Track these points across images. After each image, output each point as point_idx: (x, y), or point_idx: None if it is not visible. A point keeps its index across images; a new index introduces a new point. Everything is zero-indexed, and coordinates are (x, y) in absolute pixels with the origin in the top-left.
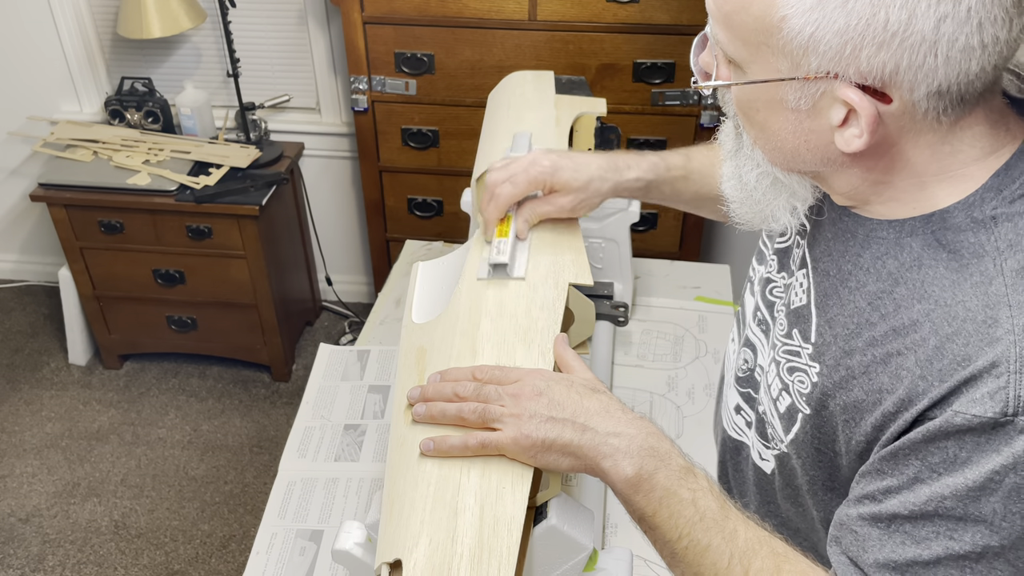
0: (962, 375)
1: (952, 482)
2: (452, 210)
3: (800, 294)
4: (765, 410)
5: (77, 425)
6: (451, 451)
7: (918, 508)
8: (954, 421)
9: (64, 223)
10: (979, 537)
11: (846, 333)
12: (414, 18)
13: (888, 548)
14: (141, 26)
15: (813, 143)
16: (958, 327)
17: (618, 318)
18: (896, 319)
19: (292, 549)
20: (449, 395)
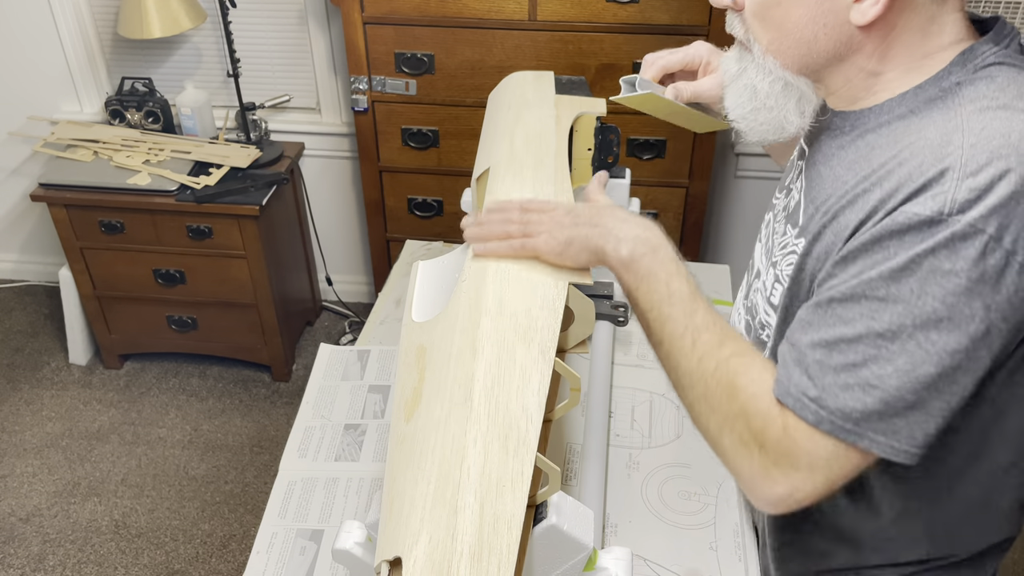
0: (914, 186)
1: (880, 268)
2: (452, 210)
3: (796, 196)
4: (760, 318)
5: (77, 425)
6: (496, 250)
7: (848, 291)
8: (897, 219)
9: (64, 223)
10: (895, 316)
11: (824, 197)
12: (414, 18)
13: (821, 329)
14: (141, 26)
15: (830, 25)
16: (915, 151)
17: (618, 318)
18: (868, 168)
19: (292, 549)
20: (501, 219)
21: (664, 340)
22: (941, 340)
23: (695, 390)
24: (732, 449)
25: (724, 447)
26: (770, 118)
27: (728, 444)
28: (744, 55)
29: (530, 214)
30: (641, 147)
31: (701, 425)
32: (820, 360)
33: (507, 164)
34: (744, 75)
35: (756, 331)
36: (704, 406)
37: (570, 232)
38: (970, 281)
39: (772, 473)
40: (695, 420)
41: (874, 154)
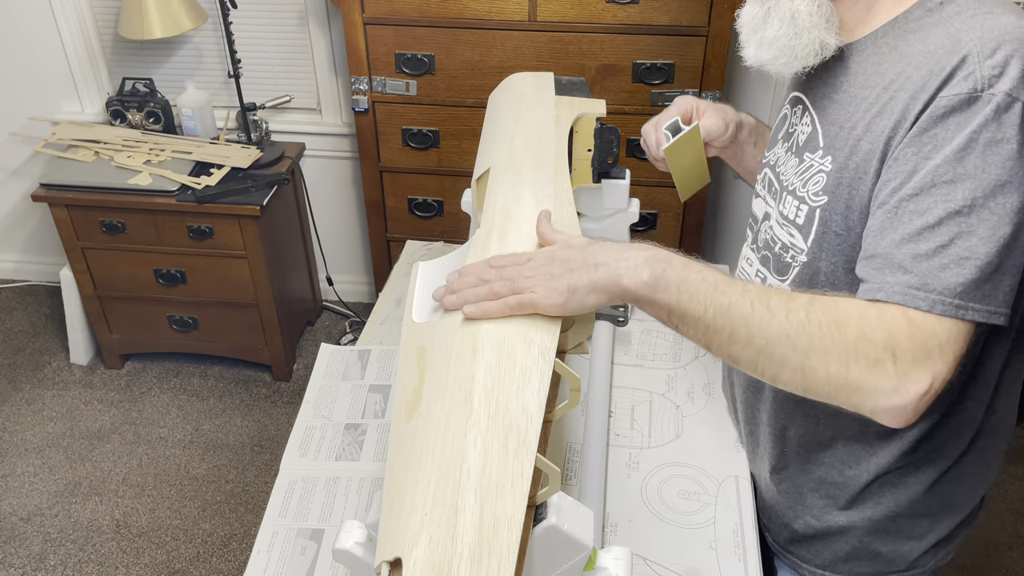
0: (940, 77)
1: (941, 154)
2: (452, 210)
3: (805, 130)
4: (783, 243)
5: (79, 424)
6: (490, 311)
7: (917, 185)
8: (939, 105)
9: (66, 223)
10: (967, 192)
11: (847, 115)
12: (414, 19)
13: (900, 227)
14: (142, 27)
15: None
16: (929, 55)
17: (618, 318)
18: (883, 81)
19: (293, 548)
20: (475, 282)
21: (737, 326)
22: (1010, 201)
23: (799, 345)
24: (863, 375)
25: (853, 381)
26: (811, 39)
27: (857, 374)
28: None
29: (506, 269)
30: (641, 148)
31: (818, 377)
32: (911, 253)
33: (507, 165)
34: (777, 9)
35: (777, 257)
36: (817, 354)
37: (568, 279)
38: (1020, 144)
39: (911, 373)
40: (809, 380)
41: (884, 68)
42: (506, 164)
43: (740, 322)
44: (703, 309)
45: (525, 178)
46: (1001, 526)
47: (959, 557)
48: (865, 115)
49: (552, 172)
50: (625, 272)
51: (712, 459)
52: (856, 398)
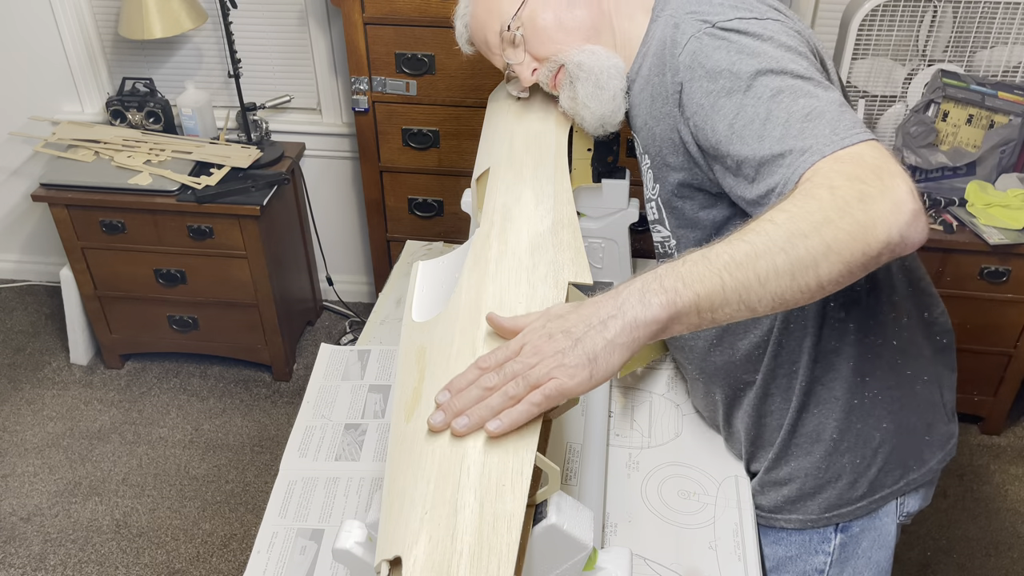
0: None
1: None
2: (452, 210)
3: (639, 150)
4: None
5: (78, 424)
6: (518, 419)
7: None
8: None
9: (66, 223)
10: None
11: (640, 118)
12: (415, 19)
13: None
14: (142, 27)
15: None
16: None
17: None
18: (643, 81)
19: (293, 548)
20: (478, 395)
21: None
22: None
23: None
24: (865, 210)
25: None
26: (604, 68)
27: (861, 214)
28: (562, 86)
29: (507, 367)
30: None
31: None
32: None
33: (507, 164)
34: (573, 80)
35: (664, 256)
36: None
37: (582, 349)
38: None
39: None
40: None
41: (643, 74)
42: (506, 164)
43: (754, 261)
44: (720, 281)
45: (525, 178)
46: (1001, 526)
47: (959, 557)
48: (648, 109)
49: (552, 172)
50: (633, 312)
51: (712, 459)
52: (879, 233)
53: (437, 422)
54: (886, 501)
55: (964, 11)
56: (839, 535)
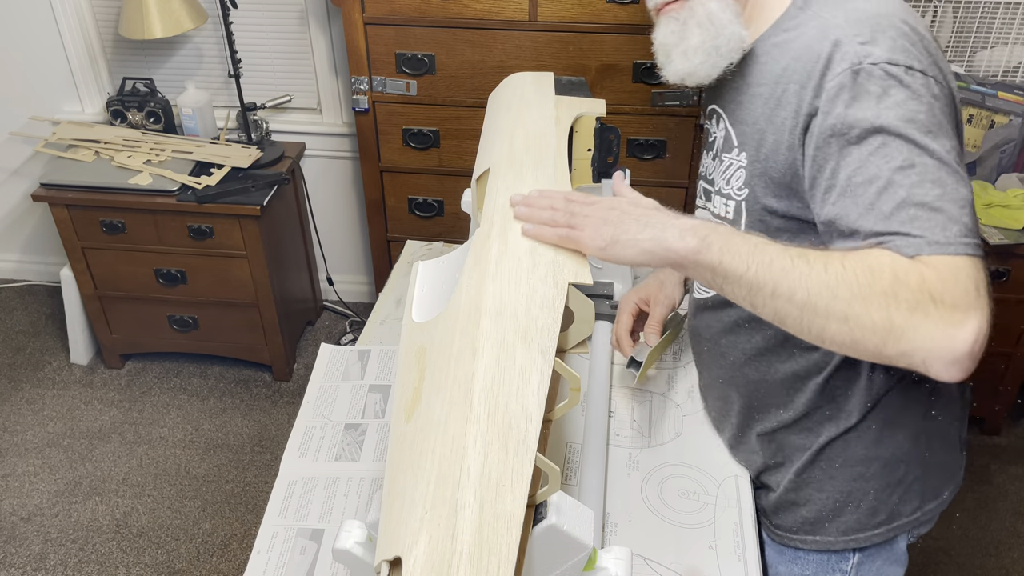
0: (821, 64)
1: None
2: (453, 210)
3: (720, 133)
4: None
5: (79, 424)
6: (542, 235)
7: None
8: (830, 89)
9: (66, 223)
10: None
11: (750, 113)
12: (415, 19)
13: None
14: (143, 27)
15: None
16: (808, 48)
17: None
18: (773, 76)
19: (293, 548)
20: (545, 206)
21: (779, 280)
22: (942, 144)
23: (840, 294)
24: (906, 319)
25: (898, 326)
26: (731, 34)
27: (900, 319)
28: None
29: (574, 205)
30: (641, 147)
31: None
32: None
33: (507, 164)
34: (691, 19)
35: None
36: (859, 302)
37: (616, 229)
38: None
39: (954, 315)
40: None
41: (772, 65)
42: (506, 164)
43: (781, 276)
44: (745, 267)
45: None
46: (1001, 526)
47: (959, 557)
48: (764, 108)
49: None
50: (672, 233)
51: (712, 459)
52: (905, 346)
53: (515, 199)
54: (902, 531)
55: (964, 11)
56: (856, 555)
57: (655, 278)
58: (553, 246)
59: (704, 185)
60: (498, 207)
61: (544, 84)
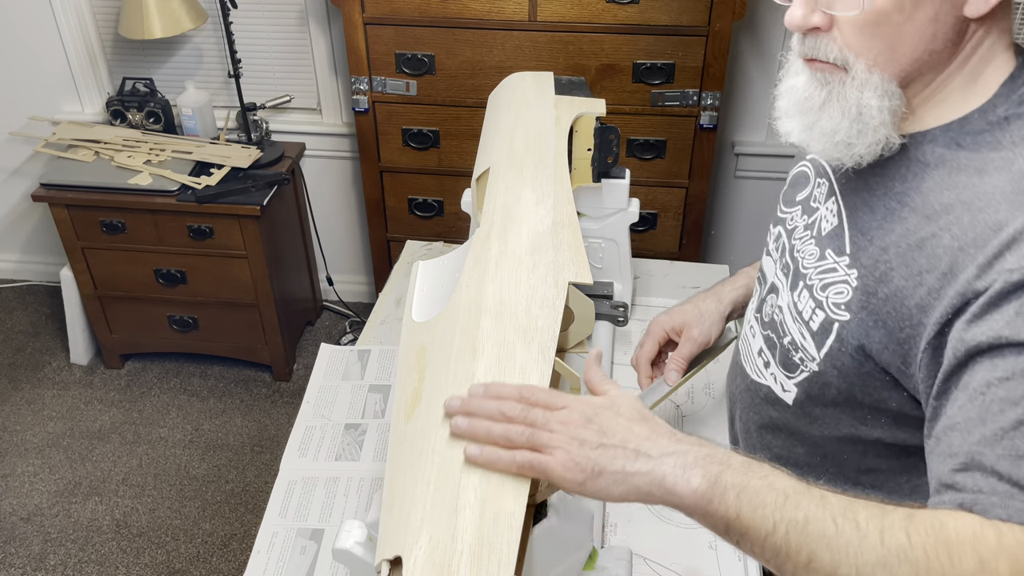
0: (1001, 239)
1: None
2: (452, 210)
3: (831, 219)
4: (793, 339)
5: (79, 424)
6: (496, 463)
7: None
8: (1009, 279)
9: (66, 223)
10: None
11: (881, 233)
12: (415, 19)
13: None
14: (142, 27)
15: (948, 23)
16: (987, 201)
17: (618, 318)
18: (926, 208)
19: (293, 548)
20: (494, 413)
21: (818, 548)
22: None
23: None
24: None
25: None
26: (880, 137)
27: None
28: (831, 77)
29: (534, 411)
30: (641, 147)
31: None
32: (1013, 454)
33: (507, 164)
34: (841, 98)
35: (784, 351)
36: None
37: (598, 457)
38: None
39: None
40: None
41: (927, 189)
42: (506, 163)
43: (822, 544)
44: (772, 525)
45: (525, 177)
46: None
47: None
48: (901, 241)
49: (552, 171)
50: (671, 473)
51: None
52: None
53: (452, 406)
54: None
55: None
56: None
57: (695, 305)
58: None
59: (785, 243)
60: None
61: (544, 84)
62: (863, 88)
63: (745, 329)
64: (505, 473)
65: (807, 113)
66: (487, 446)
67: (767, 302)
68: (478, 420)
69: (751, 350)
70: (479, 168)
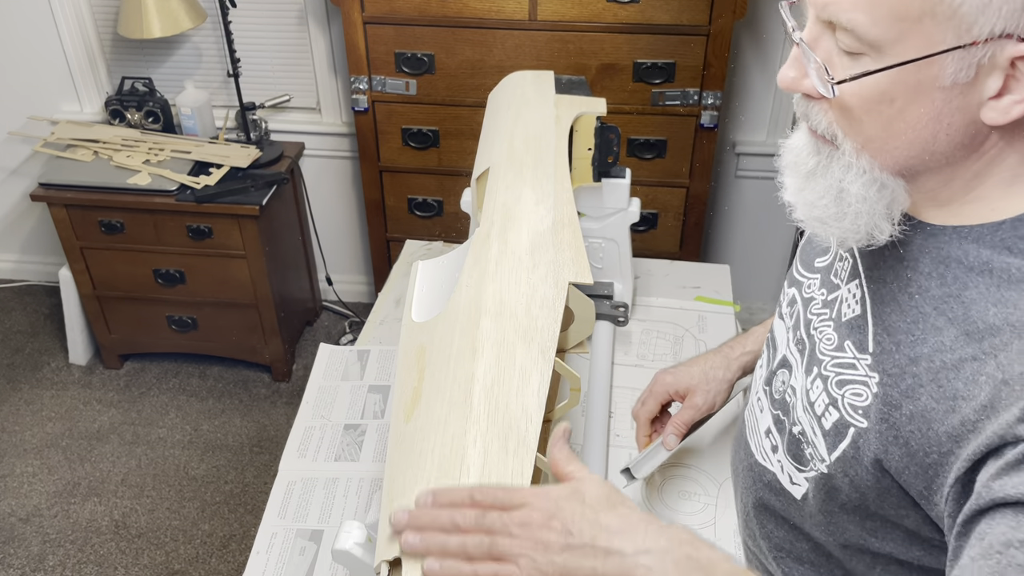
0: None
1: None
2: (452, 210)
3: (853, 305)
4: (803, 430)
5: (77, 425)
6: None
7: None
8: None
9: (64, 223)
10: None
11: (910, 340)
12: (414, 18)
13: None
14: (141, 26)
15: (955, 125)
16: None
17: (618, 318)
18: (967, 323)
19: (292, 549)
20: (446, 524)
21: None
22: None
23: None
24: None
25: None
26: (858, 225)
27: None
28: (823, 148)
29: (489, 516)
30: (641, 147)
31: None
32: None
33: (507, 164)
34: (826, 174)
35: (795, 440)
36: None
37: (564, 562)
38: None
39: None
40: None
41: (970, 298)
42: (506, 163)
43: None
44: None
45: (525, 177)
46: None
47: None
48: (935, 356)
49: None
50: (643, 571)
51: (712, 459)
52: None
53: (399, 520)
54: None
55: None
56: None
57: (701, 370)
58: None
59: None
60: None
61: (544, 83)
62: (847, 170)
63: (752, 400)
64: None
65: (798, 177)
66: (447, 560)
67: (778, 377)
68: (430, 534)
69: (758, 427)
70: (479, 168)
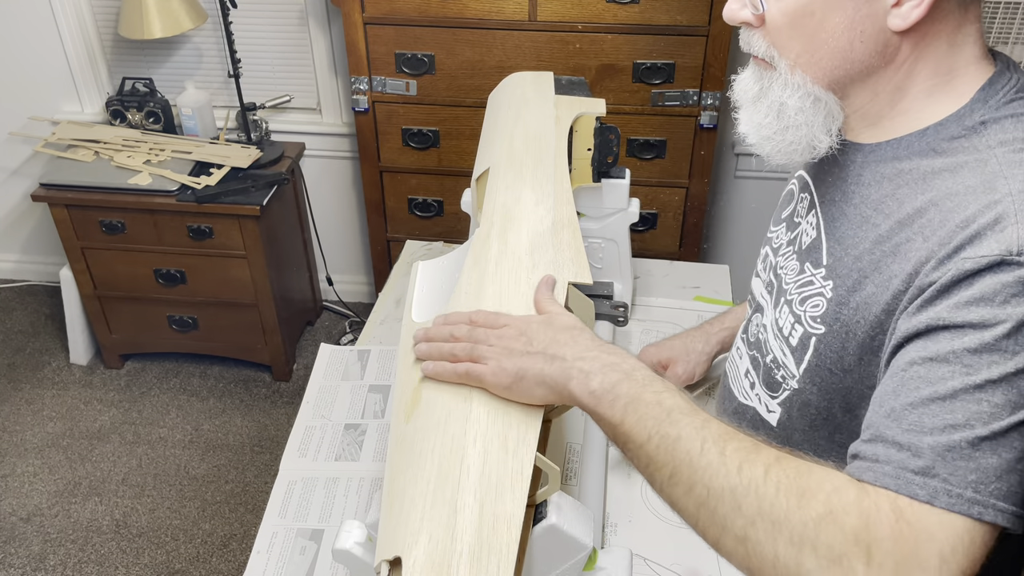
0: (965, 234)
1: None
2: (452, 210)
3: (810, 232)
4: (775, 357)
5: (78, 424)
6: (441, 374)
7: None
8: (961, 267)
9: (65, 223)
10: (991, 365)
11: (855, 241)
12: (414, 18)
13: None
14: (142, 26)
15: (867, 32)
16: (958, 201)
17: (618, 318)
18: (900, 213)
19: (293, 548)
20: (447, 336)
21: (680, 465)
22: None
23: (745, 507)
24: (818, 571)
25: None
26: (799, 137)
27: (811, 566)
28: (765, 73)
29: (478, 330)
30: (641, 147)
31: (764, 555)
32: (912, 425)
33: (507, 164)
34: (767, 94)
35: (767, 370)
36: (765, 524)
37: (521, 363)
38: None
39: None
40: (752, 556)
41: (903, 195)
42: (506, 163)
43: (684, 461)
44: (647, 437)
45: (525, 177)
46: None
47: None
48: (875, 248)
49: (552, 171)
50: (577, 375)
51: None
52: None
53: (417, 335)
54: None
55: None
56: None
57: (682, 342)
58: None
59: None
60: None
61: (544, 83)
62: (785, 87)
63: (732, 352)
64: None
65: (747, 105)
66: (439, 361)
67: (752, 322)
68: (435, 343)
69: (738, 372)
70: (479, 168)
